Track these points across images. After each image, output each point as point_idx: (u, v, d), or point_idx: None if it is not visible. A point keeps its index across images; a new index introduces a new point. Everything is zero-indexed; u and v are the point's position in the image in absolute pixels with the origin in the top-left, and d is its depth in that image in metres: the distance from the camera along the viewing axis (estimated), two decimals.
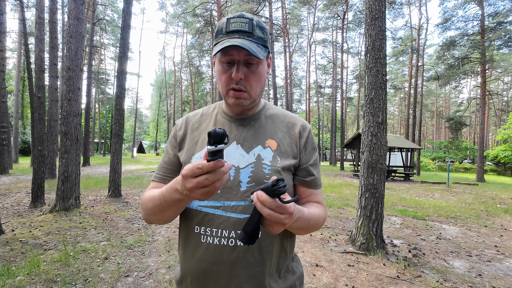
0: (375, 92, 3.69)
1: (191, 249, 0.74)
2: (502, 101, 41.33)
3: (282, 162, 0.75)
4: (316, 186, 0.81)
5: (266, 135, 0.79)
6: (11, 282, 2.50)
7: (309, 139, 0.81)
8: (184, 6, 30.66)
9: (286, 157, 0.77)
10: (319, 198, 0.81)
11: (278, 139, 0.79)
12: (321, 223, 0.77)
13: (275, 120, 0.82)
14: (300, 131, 0.81)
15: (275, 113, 0.85)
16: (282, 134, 0.80)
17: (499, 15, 16.61)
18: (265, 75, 0.76)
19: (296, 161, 0.78)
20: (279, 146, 0.77)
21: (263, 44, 0.72)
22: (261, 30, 0.72)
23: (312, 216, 0.71)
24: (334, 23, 28.74)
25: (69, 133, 5.22)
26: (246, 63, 0.70)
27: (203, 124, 0.84)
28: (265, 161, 0.74)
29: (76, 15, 5.33)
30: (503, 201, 8.21)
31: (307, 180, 0.79)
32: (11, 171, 12.01)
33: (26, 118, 25.99)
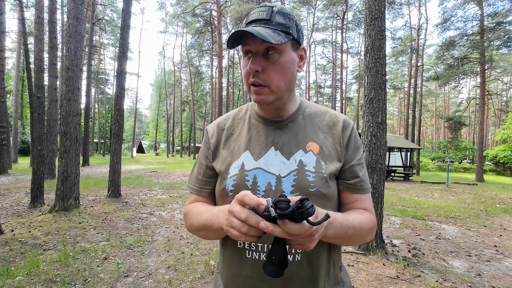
0: (375, 92, 3.69)
1: (236, 264, 0.69)
2: (502, 101, 41.39)
3: (328, 167, 0.68)
4: (362, 190, 0.71)
5: (306, 137, 0.71)
6: (10, 283, 2.50)
7: (352, 137, 0.73)
8: (183, 6, 30.65)
9: (330, 160, 0.69)
10: (367, 205, 0.71)
11: (320, 141, 0.71)
12: (367, 233, 0.68)
13: (315, 120, 0.75)
14: (342, 129, 0.73)
15: (313, 111, 0.76)
16: (324, 135, 0.72)
17: (499, 15, 16.63)
18: (291, 67, 0.66)
19: (341, 163, 0.70)
20: (321, 149, 0.70)
21: (284, 30, 0.63)
22: (283, 16, 0.64)
23: (351, 223, 0.62)
24: (334, 23, 28.77)
25: (69, 133, 5.22)
26: (265, 54, 0.63)
27: (236, 130, 0.77)
28: (308, 167, 0.67)
29: (76, 15, 5.32)
30: (502, 201, 8.22)
31: (351, 183, 0.70)
32: (10, 171, 11.99)
33: (26, 118, 25.95)
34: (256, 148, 0.71)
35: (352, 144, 0.72)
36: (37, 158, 5.73)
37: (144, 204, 6.14)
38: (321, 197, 0.66)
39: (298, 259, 0.65)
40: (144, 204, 6.19)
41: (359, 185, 0.70)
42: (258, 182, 0.67)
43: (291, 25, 0.65)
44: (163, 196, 7.30)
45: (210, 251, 3.47)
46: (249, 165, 0.69)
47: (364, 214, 0.69)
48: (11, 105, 23.14)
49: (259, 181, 0.67)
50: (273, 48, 0.62)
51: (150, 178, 11.38)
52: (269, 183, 0.67)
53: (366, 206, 0.71)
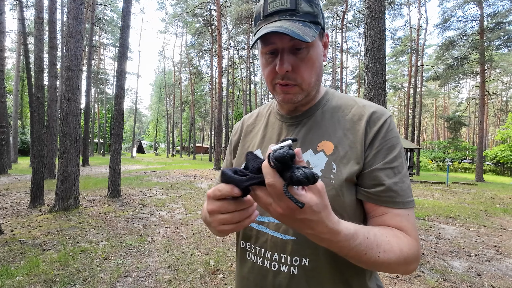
0: (375, 92, 3.70)
1: (239, 263, 0.68)
2: (501, 101, 41.42)
3: (341, 170, 0.57)
4: (390, 202, 0.54)
5: (320, 135, 0.62)
6: (10, 283, 2.50)
7: (381, 134, 0.57)
8: (183, 6, 30.66)
9: (346, 163, 0.57)
10: (403, 223, 0.54)
11: (336, 139, 0.60)
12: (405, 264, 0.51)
13: (336, 115, 0.63)
14: (367, 123, 0.59)
15: (337, 104, 0.65)
16: (344, 132, 0.60)
17: (498, 15, 16.64)
18: (320, 59, 0.60)
19: (359, 166, 0.57)
20: (336, 149, 0.59)
21: (313, 21, 0.56)
22: (309, 3, 0.56)
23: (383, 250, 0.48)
24: (334, 23, 28.77)
25: (68, 133, 5.22)
26: (293, 50, 0.57)
27: (256, 127, 0.74)
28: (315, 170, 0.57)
29: (76, 15, 5.32)
30: (502, 201, 8.22)
31: (372, 192, 0.55)
32: (10, 171, 11.98)
33: (25, 118, 25.94)
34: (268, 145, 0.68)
35: (378, 143, 0.57)
36: (37, 158, 5.72)
37: (144, 204, 6.14)
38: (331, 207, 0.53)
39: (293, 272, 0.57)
40: (144, 204, 6.19)
41: (385, 196, 0.54)
42: None
43: (318, 12, 0.57)
44: (163, 196, 7.29)
45: (210, 251, 3.47)
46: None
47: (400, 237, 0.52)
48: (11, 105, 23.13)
49: None
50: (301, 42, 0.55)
51: (150, 178, 11.38)
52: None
53: (402, 225, 0.53)
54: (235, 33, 31.63)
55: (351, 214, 0.57)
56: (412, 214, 0.55)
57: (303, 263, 0.56)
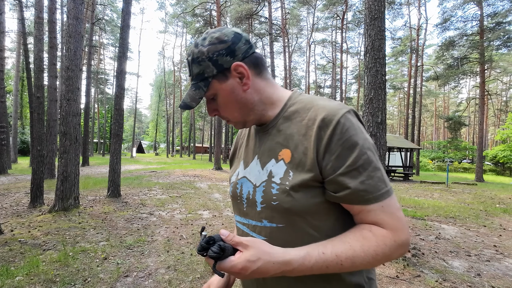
0: (375, 92, 3.70)
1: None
2: (501, 101, 41.46)
3: (295, 177, 0.59)
4: (362, 201, 0.55)
5: (280, 144, 0.64)
6: (10, 283, 2.49)
7: (335, 136, 0.56)
8: (183, 6, 30.63)
9: (300, 170, 0.59)
10: (377, 217, 0.55)
11: (293, 146, 0.61)
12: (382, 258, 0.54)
13: (295, 120, 0.63)
14: (319, 127, 0.58)
15: (296, 109, 0.65)
16: (300, 138, 0.61)
17: (498, 15, 16.65)
18: (233, 95, 0.63)
19: (313, 174, 0.57)
20: (293, 157, 0.60)
21: (201, 79, 0.63)
22: (197, 64, 0.62)
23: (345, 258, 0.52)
24: (334, 23, 28.79)
25: (68, 133, 5.22)
26: (212, 99, 0.66)
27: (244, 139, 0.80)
28: (275, 179, 0.61)
29: (75, 15, 5.32)
30: (502, 201, 8.23)
31: (340, 196, 0.56)
32: (10, 171, 11.98)
33: (25, 118, 25.94)
34: (247, 157, 0.73)
35: (335, 146, 0.56)
36: (37, 158, 5.72)
37: (144, 204, 6.14)
38: (285, 211, 0.59)
39: None
40: (143, 204, 6.19)
41: (354, 198, 0.55)
42: (242, 190, 0.69)
43: (205, 67, 0.62)
44: (163, 196, 7.29)
45: None
46: (240, 174, 0.73)
47: (367, 238, 0.54)
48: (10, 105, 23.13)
49: (243, 189, 0.69)
50: (212, 93, 0.64)
51: (149, 178, 11.38)
52: (248, 191, 0.67)
53: (376, 219, 0.55)
54: None
55: (315, 213, 0.59)
56: (388, 204, 0.55)
57: None
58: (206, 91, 0.63)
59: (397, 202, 0.57)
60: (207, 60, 0.62)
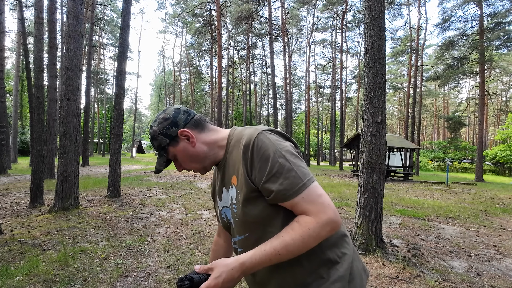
0: (374, 92, 3.70)
1: None
2: (501, 101, 41.45)
3: (241, 196, 0.74)
4: (286, 198, 0.68)
5: (231, 172, 0.80)
6: (10, 283, 2.49)
7: (254, 154, 0.71)
8: (183, 6, 30.62)
9: (241, 188, 0.74)
10: (302, 207, 0.68)
11: (236, 171, 0.77)
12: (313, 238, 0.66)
13: (235, 150, 0.79)
14: (243, 152, 0.73)
15: (234, 142, 0.81)
16: (237, 163, 0.76)
17: (498, 15, 16.64)
18: (186, 152, 0.82)
19: (249, 187, 0.72)
20: (237, 180, 0.76)
21: (161, 148, 0.82)
22: (154, 140, 0.83)
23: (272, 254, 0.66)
24: (334, 23, 28.77)
25: (68, 133, 5.21)
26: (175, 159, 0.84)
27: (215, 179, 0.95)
28: (233, 201, 0.79)
29: (75, 15, 5.32)
30: (502, 201, 8.23)
31: (271, 198, 0.70)
32: (10, 171, 11.98)
33: (25, 118, 25.94)
34: (219, 191, 0.89)
35: (256, 162, 0.71)
36: (37, 158, 5.72)
37: (144, 204, 6.14)
38: (245, 223, 0.76)
39: None
40: (143, 204, 6.19)
41: (279, 197, 0.69)
42: (228, 217, 0.85)
43: (160, 140, 0.81)
44: (162, 196, 7.29)
45: (210, 251, 3.47)
46: (220, 206, 0.89)
47: (294, 229, 0.67)
48: (10, 105, 23.12)
49: (228, 216, 0.85)
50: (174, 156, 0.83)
51: (149, 178, 11.37)
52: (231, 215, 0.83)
53: (302, 209, 0.68)
54: (235, 33, 31.63)
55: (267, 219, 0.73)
56: (307, 194, 0.68)
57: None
58: (167, 156, 0.83)
59: (317, 190, 0.69)
60: (160, 135, 0.81)
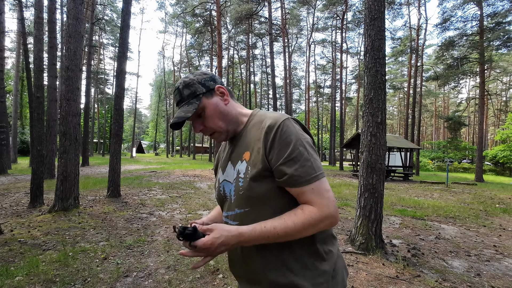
0: (374, 92, 3.70)
1: None
2: (501, 101, 41.45)
3: (252, 171, 0.78)
4: (297, 184, 0.73)
5: (244, 148, 0.84)
6: (9, 283, 2.49)
7: (276, 137, 0.76)
8: (183, 6, 30.61)
9: (255, 164, 0.78)
10: (308, 197, 0.73)
11: (251, 148, 0.81)
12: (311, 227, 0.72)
13: (254, 129, 0.84)
14: (266, 132, 0.78)
15: (255, 122, 0.86)
16: (256, 141, 0.80)
17: (498, 15, 16.63)
18: (218, 107, 0.85)
19: (264, 165, 0.76)
20: (251, 156, 0.80)
21: (193, 96, 0.84)
22: (187, 88, 0.84)
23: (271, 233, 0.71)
24: (334, 23, 28.75)
25: (68, 133, 5.21)
26: (197, 116, 0.85)
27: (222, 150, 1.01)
28: (241, 175, 0.81)
29: (75, 15, 5.32)
30: (501, 201, 8.23)
31: (282, 180, 0.75)
32: (9, 171, 11.98)
33: (25, 118, 25.93)
34: (223, 164, 0.93)
35: (276, 144, 0.76)
36: (37, 158, 5.72)
37: (144, 204, 6.14)
38: (249, 198, 0.79)
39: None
40: (143, 204, 6.19)
41: (291, 181, 0.74)
42: (225, 190, 0.88)
43: (196, 88, 0.84)
44: (162, 196, 7.29)
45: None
46: (221, 179, 0.92)
47: (297, 214, 0.73)
48: (10, 105, 23.12)
49: (226, 189, 0.88)
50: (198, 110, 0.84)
51: (149, 178, 11.37)
52: (230, 189, 0.86)
53: (308, 199, 0.74)
54: (235, 33, 31.62)
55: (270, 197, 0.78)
56: (317, 186, 0.74)
57: None
58: (198, 105, 0.83)
59: (326, 185, 0.75)
60: (197, 83, 0.85)
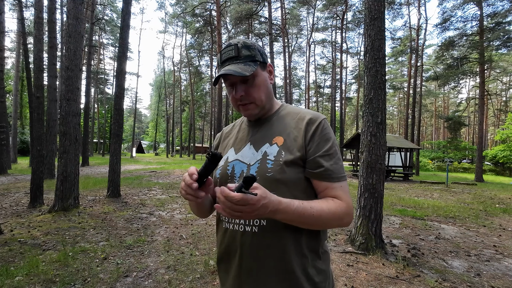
0: (374, 92, 3.70)
1: (219, 233, 0.89)
2: (501, 101, 41.44)
3: (286, 156, 0.79)
4: (330, 178, 0.77)
5: (274, 133, 0.85)
6: (9, 283, 2.49)
7: (318, 131, 0.80)
8: (183, 6, 30.61)
9: (290, 151, 0.79)
10: (337, 193, 0.77)
11: (285, 135, 0.83)
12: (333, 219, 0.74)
13: (287, 118, 0.87)
14: (307, 123, 0.82)
15: (288, 112, 0.89)
16: (291, 129, 0.83)
17: (498, 15, 16.63)
18: (266, 82, 0.85)
19: (301, 154, 0.79)
20: (285, 141, 0.81)
21: (251, 60, 0.81)
22: (247, 49, 0.82)
23: (308, 211, 0.70)
24: (333, 23, 28.78)
25: (68, 133, 5.21)
26: (243, 81, 0.82)
27: (232, 133, 1.00)
28: (269, 157, 0.80)
29: (75, 15, 5.32)
30: (501, 201, 8.23)
31: (316, 172, 0.77)
32: (9, 171, 11.98)
33: (25, 118, 25.91)
34: (238, 145, 0.91)
35: (317, 137, 0.80)
36: (37, 158, 5.72)
37: (144, 204, 6.14)
38: (276, 181, 0.77)
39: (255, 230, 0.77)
40: (143, 204, 6.19)
41: (325, 174, 0.77)
42: (235, 170, 0.85)
43: (255, 53, 0.83)
44: (162, 196, 7.29)
45: (210, 251, 3.47)
46: (231, 158, 0.89)
47: (330, 202, 0.75)
48: (10, 105, 23.11)
49: (236, 169, 0.85)
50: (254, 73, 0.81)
51: (149, 178, 11.37)
52: (242, 170, 0.84)
53: (337, 194, 0.77)
54: (235, 33, 31.60)
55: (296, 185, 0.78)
56: (344, 185, 0.79)
57: (261, 223, 0.77)
58: (255, 70, 0.81)
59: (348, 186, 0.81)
60: (257, 50, 0.84)
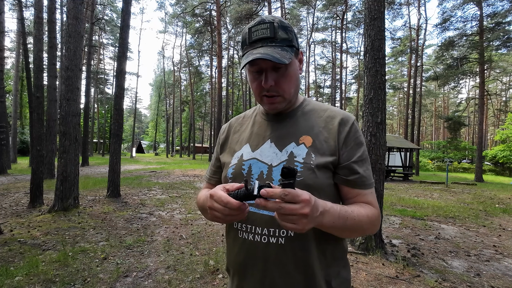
0: (374, 92, 3.70)
1: (231, 242, 0.78)
2: (501, 101, 41.43)
3: (317, 159, 0.71)
4: (363, 185, 0.72)
5: (300, 131, 0.76)
6: (9, 283, 2.49)
7: (351, 134, 0.73)
8: (183, 6, 30.62)
9: (322, 153, 0.71)
10: (369, 199, 0.72)
11: (314, 134, 0.74)
12: (369, 225, 0.68)
13: (313, 115, 0.78)
14: (339, 124, 0.74)
15: (313, 108, 0.80)
16: (319, 129, 0.75)
17: (498, 15, 16.65)
18: (297, 73, 0.75)
19: (334, 158, 0.71)
20: (314, 142, 0.73)
21: (288, 45, 0.70)
22: (284, 30, 0.69)
23: (350, 214, 0.64)
24: (333, 23, 28.78)
25: (68, 133, 5.21)
26: (274, 68, 0.69)
27: (243, 126, 0.88)
28: (297, 159, 0.71)
29: (75, 15, 5.31)
30: (501, 201, 8.23)
31: (350, 179, 0.71)
32: (9, 171, 11.97)
33: (25, 118, 25.90)
34: (255, 141, 0.80)
35: (351, 141, 0.73)
36: (36, 158, 5.72)
37: (144, 204, 6.14)
38: (307, 187, 0.66)
39: (281, 242, 0.68)
40: (143, 204, 6.19)
41: (359, 181, 0.71)
42: (252, 170, 0.75)
43: (292, 37, 0.71)
44: (162, 196, 7.29)
45: (210, 251, 3.47)
46: (246, 156, 0.78)
47: (365, 208, 0.69)
48: (10, 105, 23.10)
49: (253, 169, 0.75)
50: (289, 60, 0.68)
51: (149, 178, 11.37)
52: (261, 171, 0.74)
53: (369, 200, 0.72)
54: (235, 33, 31.61)
55: (326, 191, 0.71)
56: (374, 192, 0.74)
57: (289, 234, 0.68)
58: (292, 55, 0.70)
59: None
60: (293, 34, 0.72)
